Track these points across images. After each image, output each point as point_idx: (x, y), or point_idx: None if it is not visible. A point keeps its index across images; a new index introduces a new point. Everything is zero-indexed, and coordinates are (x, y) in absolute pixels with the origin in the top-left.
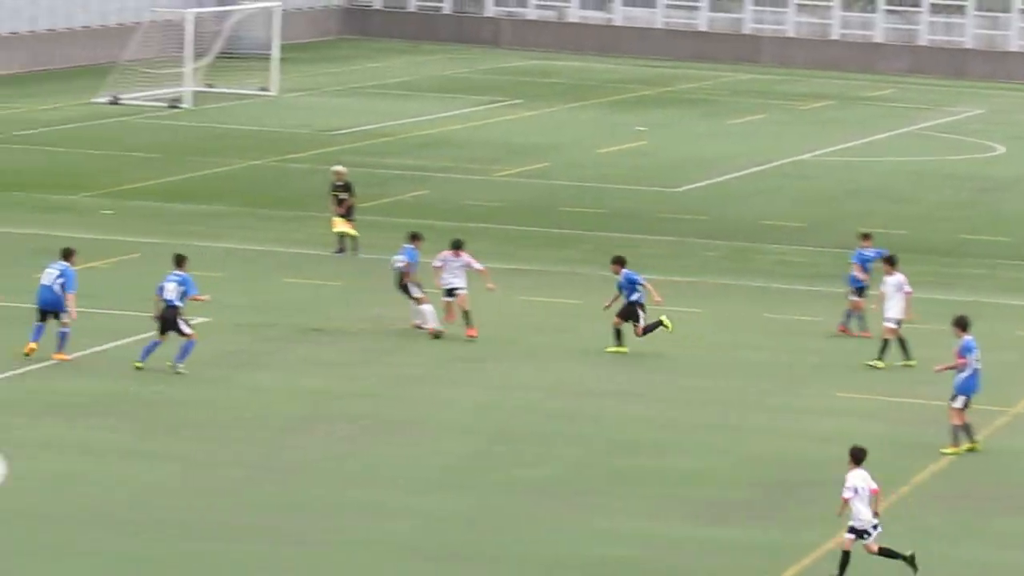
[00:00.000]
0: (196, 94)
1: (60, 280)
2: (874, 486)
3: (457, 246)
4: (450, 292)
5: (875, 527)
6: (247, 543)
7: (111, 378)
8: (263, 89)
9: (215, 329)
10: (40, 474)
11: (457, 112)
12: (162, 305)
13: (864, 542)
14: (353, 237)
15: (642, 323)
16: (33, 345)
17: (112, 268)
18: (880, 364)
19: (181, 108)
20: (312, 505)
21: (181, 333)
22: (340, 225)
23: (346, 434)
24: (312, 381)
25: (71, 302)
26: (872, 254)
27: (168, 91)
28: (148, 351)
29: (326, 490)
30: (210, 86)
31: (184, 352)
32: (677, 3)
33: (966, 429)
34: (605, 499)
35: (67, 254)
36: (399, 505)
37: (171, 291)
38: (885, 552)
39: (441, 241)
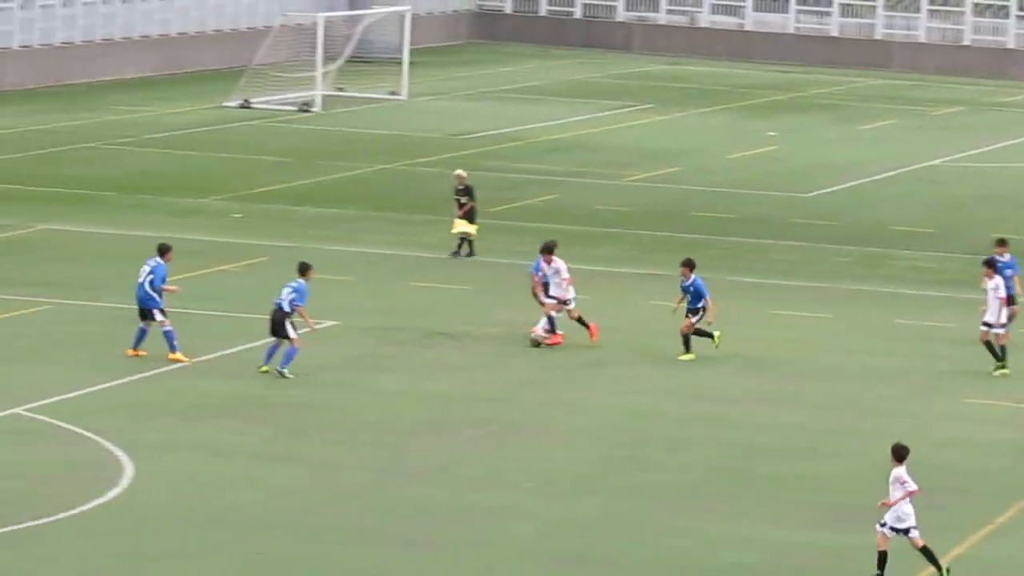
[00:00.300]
0: (326, 98)
1: (150, 277)
2: (915, 487)
3: (548, 250)
4: (562, 303)
5: (884, 524)
6: (371, 546)
7: (240, 381)
8: (393, 93)
9: (342, 333)
10: (168, 475)
11: (587, 116)
12: (273, 308)
13: (881, 530)
14: (466, 239)
15: (694, 320)
16: (131, 351)
17: (242, 271)
18: (1006, 371)
19: (311, 112)
20: (436, 509)
21: (286, 337)
22: (460, 226)
23: (470, 438)
24: (437, 385)
25: (161, 296)
26: (1006, 261)
27: (299, 95)
28: (269, 355)
29: (450, 494)
30: (340, 90)
31: (287, 357)
32: (809, 8)
33: None
34: (731, 504)
35: (162, 251)
36: (523, 509)
37: (284, 296)
38: (883, 557)
39: (571, 246)
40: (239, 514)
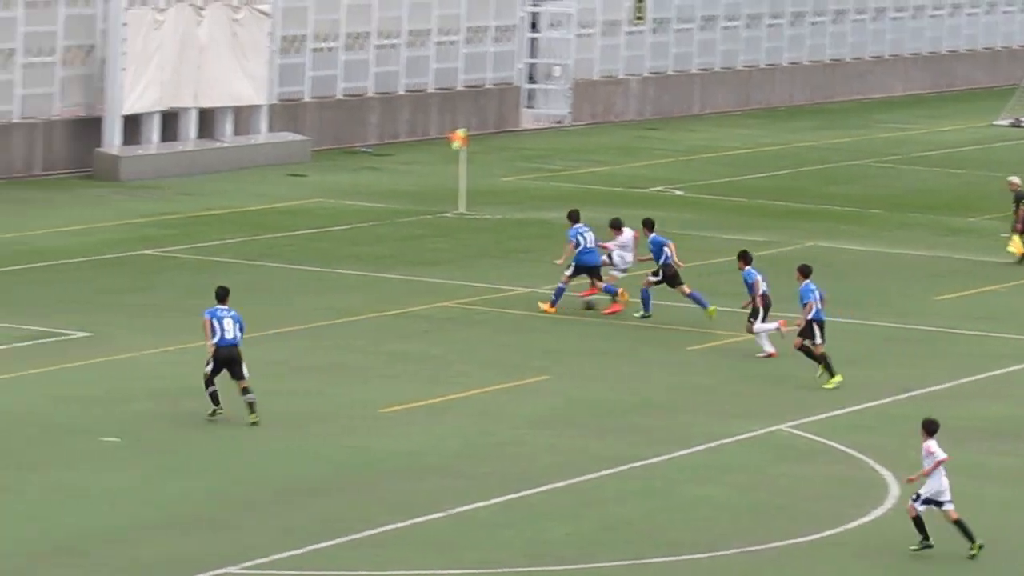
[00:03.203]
0: None
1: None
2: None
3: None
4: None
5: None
6: None
7: (1007, 402)
8: None
9: None
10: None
11: None
12: None
13: (913, 503)
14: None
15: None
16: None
17: (1010, 292)
18: None
19: None
20: None
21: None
22: (1015, 244)
23: None
24: None
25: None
26: None
27: None
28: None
29: None
30: None
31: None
32: None
33: None
34: None
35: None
36: None
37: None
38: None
39: None
40: (987, 540)
